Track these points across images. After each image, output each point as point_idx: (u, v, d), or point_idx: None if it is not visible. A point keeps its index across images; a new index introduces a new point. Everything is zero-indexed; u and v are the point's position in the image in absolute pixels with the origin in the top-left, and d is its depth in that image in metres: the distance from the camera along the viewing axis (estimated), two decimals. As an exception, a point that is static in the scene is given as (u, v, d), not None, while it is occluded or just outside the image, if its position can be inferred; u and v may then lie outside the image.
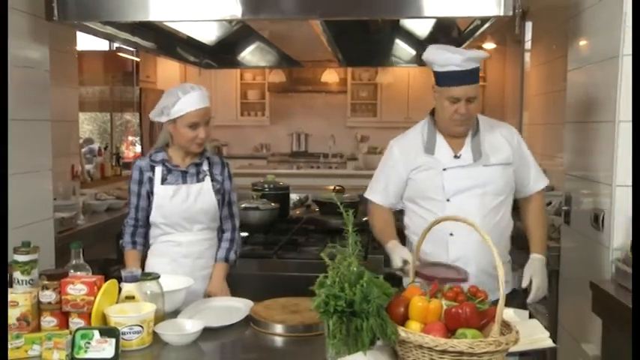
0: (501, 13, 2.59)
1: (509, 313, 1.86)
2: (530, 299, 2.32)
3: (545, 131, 4.81)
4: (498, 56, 8.03)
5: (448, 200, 2.37)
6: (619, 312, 2.33)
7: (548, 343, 1.72)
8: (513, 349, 1.57)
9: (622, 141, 2.63)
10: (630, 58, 2.60)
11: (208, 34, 3.78)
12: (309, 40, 3.83)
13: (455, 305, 1.54)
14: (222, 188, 2.49)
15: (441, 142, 2.43)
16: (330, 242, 1.66)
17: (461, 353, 1.43)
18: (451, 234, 2.33)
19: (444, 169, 2.38)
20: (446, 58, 2.32)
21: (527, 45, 5.60)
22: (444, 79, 2.35)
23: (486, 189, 2.38)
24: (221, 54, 4.45)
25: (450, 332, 1.51)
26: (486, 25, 3.09)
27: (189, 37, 3.66)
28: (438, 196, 2.38)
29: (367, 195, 2.59)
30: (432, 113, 2.49)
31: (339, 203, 1.72)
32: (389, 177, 2.51)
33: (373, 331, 1.50)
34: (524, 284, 2.31)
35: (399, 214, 2.63)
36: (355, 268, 1.57)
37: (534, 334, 1.73)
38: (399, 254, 2.31)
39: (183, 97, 2.33)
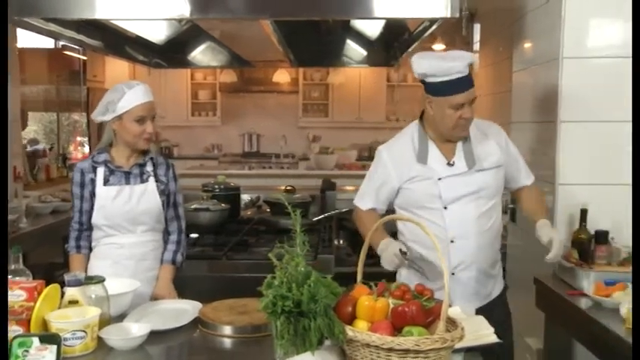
0: (448, 15, 2.62)
1: (455, 311, 1.89)
2: (552, 255, 2.25)
3: (492, 131, 4.90)
4: (448, 57, 8.17)
5: (445, 208, 2.33)
6: (560, 306, 2.40)
7: (493, 338, 1.76)
8: (459, 345, 1.59)
9: (563, 141, 2.72)
10: (568, 60, 2.69)
11: (157, 33, 3.72)
12: (260, 40, 3.81)
13: (401, 304, 1.56)
14: (167, 189, 2.46)
15: (433, 149, 2.37)
16: (279, 243, 1.65)
17: (407, 351, 1.45)
18: (452, 241, 2.32)
19: (439, 179, 2.33)
20: (448, 67, 2.23)
21: (476, 46, 5.72)
22: (445, 88, 2.25)
23: (481, 194, 2.35)
24: (171, 53, 4.39)
25: (396, 330, 1.52)
26: (434, 27, 3.14)
27: (137, 36, 3.60)
28: (435, 204, 2.33)
29: (357, 203, 2.50)
30: (421, 118, 2.43)
31: (287, 203, 1.71)
32: (380, 185, 2.43)
33: (321, 331, 1.50)
34: (545, 241, 2.27)
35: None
36: (303, 268, 1.57)
37: (480, 330, 1.76)
38: (397, 246, 2.23)
39: (128, 91, 2.31)
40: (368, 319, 1.56)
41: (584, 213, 2.56)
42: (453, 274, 2.34)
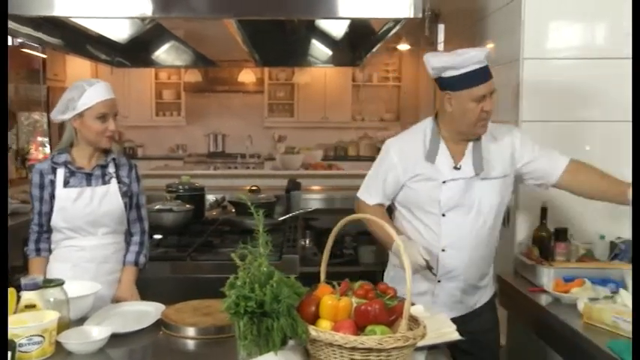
0: (411, 15, 2.65)
1: (418, 309, 1.91)
2: None
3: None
4: (413, 57, 8.24)
5: (444, 215, 2.28)
6: (522, 303, 2.44)
7: (455, 335, 1.78)
8: (421, 343, 1.61)
9: (524, 140, 2.76)
10: (529, 61, 2.73)
11: (120, 31, 3.66)
12: (225, 39, 3.78)
13: (364, 302, 1.56)
14: (130, 190, 2.42)
15: (443, 150, 2.31)
16: (242, 243, 1.64)
17: (370, 350, 1.45)
18: (443, 250, 2.28)
19: (444, 182, 2.27)
20: (467, 57, 2.18)
21: (440, 47, 5.78)
22: (466, 80, 2.19)
23: (482, 205, 2.28)
24: (134, 52, 4.33)
25: (360, 329, 1.53)
26: (397, 27, 3.16)
27: (99, 35, 3.54)
28: (434, 209, 2.28)
29: (363, 197, 2.44)
30: (436, 117, 2.37)
31: (249, 204, 1.70)
32: (385, 179, 2.37)
33: (284, 331, 1.50)
34: None
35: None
36: (266, 269, 1.56)
37: (442, 328, 1.78)
38: (416, 249, 2.17)
39: (89, 88, 2.27)
40: (331, 319, 1.56)
41: (544, 211, 2.61)
42: (439, 281, 2.32)
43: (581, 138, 2.76)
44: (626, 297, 2.00)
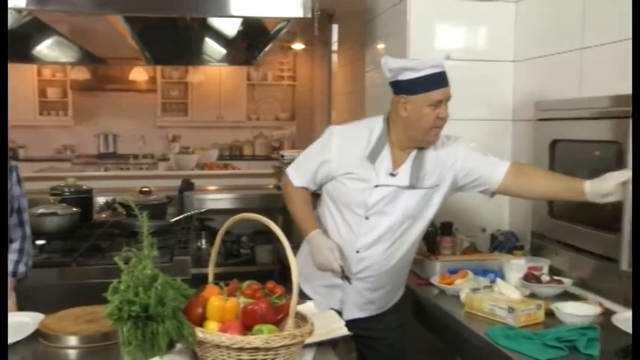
0: (301, 15, 2.68)
1: (309, 306, 1.93)
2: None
3: (349, 130, 5.06)
4: (307, 56, 8.31)
5: (367, 218, 2.22)
6: (411, 297, 2.51)
7: (344, 331, 1.81)
8: (310, 340, 1.62)
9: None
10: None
11: (-7, 24, 3.43)
12: (113, 36, 3.65)
13: (251, 302, 1.56)
14: (10, 194, 2.28)
15: (385, 153, 2.23)
16: (127, 246, 1.58)
17: (257, 349, 1.45)
18: (358, 251, 2.24)
19: (376, 186, 2.20)
20: (426, 60, 2.13)
21: (334, 46, 5.87)
22: (424, 83, 2.12)
23: (407, 212, 2.23)
24: (11, 47, 4.07)
25: (247, 329, 1.52)
26: (287, 26, 3.18)
27: (-30, 27, 3.30)
28: (359, 210, 2.22)
29: (290, 173, 2.35)
30: (386, 118, 2.28)
31: (133, 205, 1.65)
32: (318, 167, 2.29)
33: (170, 335, 1.46)
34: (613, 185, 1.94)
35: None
36: (150, 271, 1.52)
37: (331, 325, 1.81)
38: (332, 255, 2.16)
39: None
40: (218, 320, 1.54)
41: (430, 206, 2.70)
42: (350, 282, 2.26)
43: (467, 136, 2.88)
44: (502, 286, 2.12)
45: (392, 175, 2.22)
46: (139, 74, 8.32)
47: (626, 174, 1.91)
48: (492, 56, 2.88)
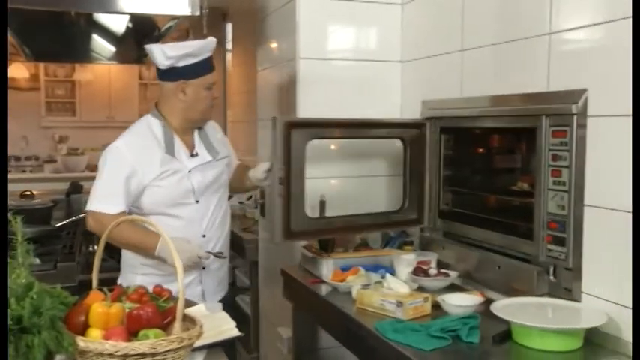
0: (189, 13, 2.63)
1: (199, 309, 1.89)
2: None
3: (246, 128, 5.05)
4: (202, 56, 8.17)
5: (197, 202, 2.39)
6: (304, 295, 2.53)
7: (235, 332, 1.79)
8: (200, 342, 1.59)
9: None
10: (304, 61, 2.85)
11: None
12: (-14, 29, 3.41)
13: (136, 307, 1.51)
14: None
15: (177, 141, 2.40)
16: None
17: (143, 355, 1.40)
18: (204, 235, 2.42)
19: (189, 171, 2.38)
20: (204, 45, 2.35)
21: (229, 45, 5.82)
22: (201, 68, 2.35)
23: (221, 182, 2.50)
24: None
25: (133, 335, 1.47)
26: (177, 24, 3.12)
27: None
28: (189, 199, 2.38)
29: (100, 208, 2.26)
30: (157, 112, 2.44)
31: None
32: (126, 181, 2.27)
33: (47, 346, 1.39)
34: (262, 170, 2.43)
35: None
36: (24, 280, 1.43)
37: (221, 326, 1.78)
38: (190, 245, 2.28)
39: None
40: (102, 327, 1.48)
41: (322, 204, 2.73)
42: (204, 267, 2.41)
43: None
44: (391, 281, 2.17)
45: (193, 156, 2.42)
46: (18, 71, 7.83)
47: (268, 164, 2.37)
48: (381, 56, 2.95)
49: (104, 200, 2.29)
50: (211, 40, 2.39)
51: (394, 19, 2.93)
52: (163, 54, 2.30)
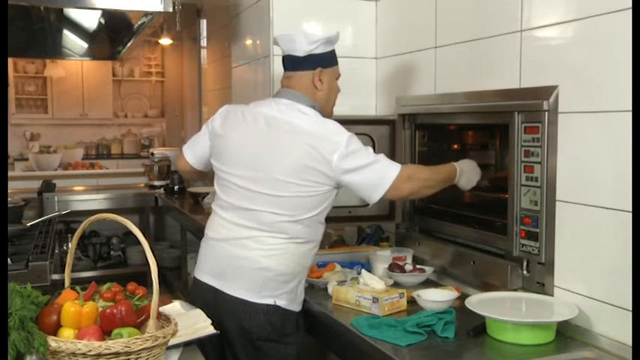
0: (161, 9, 2.60)
1: (174, 306, 1.88)
2: None
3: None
4: (176, 52, 8.11)
5: None
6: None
7: (210, 330, 1.77)
8: (175, 340, 1.58)
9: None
10: (279, 57, 2.83)
11: None
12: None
13: (110, 305, 1.49)
14: None
15: None
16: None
17: (117, 354, 1.38)
18: None
19: None
20: (336, 35, 2.15)
21: (203, 42, 5.78)
22: (334, 56, 2.20)
23: None
24: None
25: (107, 334, 1.45)
26: (150, 20, 3.09)
27: None
28: None
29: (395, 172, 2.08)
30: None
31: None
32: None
33: (17, 347, 1.36)
34: None
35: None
36: (-5, 280, 1.40)
37: (197, 324, 1.77)
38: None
39: None
40: (74, 326, 1.45)
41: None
42: None
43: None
44: (367, 277, 2.18)
45: None
46: (-15, 67, 7.70)
47: None
48: (356, 53, 2.95)
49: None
50: (337, 34, 2.19)
51: (369, 15, 2.93)
52: (307, 39, 2.12)
